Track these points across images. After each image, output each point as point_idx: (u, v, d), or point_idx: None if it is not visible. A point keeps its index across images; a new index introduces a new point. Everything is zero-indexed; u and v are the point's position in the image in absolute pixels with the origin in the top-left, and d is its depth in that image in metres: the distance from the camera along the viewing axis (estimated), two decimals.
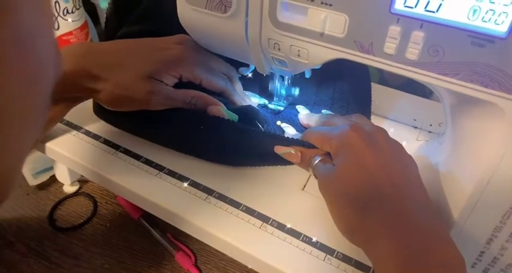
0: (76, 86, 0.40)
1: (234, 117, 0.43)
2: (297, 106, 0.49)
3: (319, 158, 0.36)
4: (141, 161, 0.44)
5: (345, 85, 0.50)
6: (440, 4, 0.27)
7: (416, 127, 0.51)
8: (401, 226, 0.29)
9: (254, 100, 0.50)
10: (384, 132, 0.36)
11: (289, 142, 0.39)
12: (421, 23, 0.28)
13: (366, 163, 0.32)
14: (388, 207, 0.30)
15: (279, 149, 0.39)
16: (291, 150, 0.38)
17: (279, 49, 0.36)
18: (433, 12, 0.28)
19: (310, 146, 0.38)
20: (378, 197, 0.30)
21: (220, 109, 0.43)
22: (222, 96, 0.46)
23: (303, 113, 0.48)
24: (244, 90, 0.53)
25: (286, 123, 0.47)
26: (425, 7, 0.28)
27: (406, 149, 0.47)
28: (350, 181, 0.31)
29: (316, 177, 0.36)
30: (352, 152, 0.33)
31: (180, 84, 0.43)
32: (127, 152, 0.46)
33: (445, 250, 0.28)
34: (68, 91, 0.40)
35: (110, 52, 0.41)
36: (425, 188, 0.32)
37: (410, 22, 0.28)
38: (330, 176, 0.33)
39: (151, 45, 0.43)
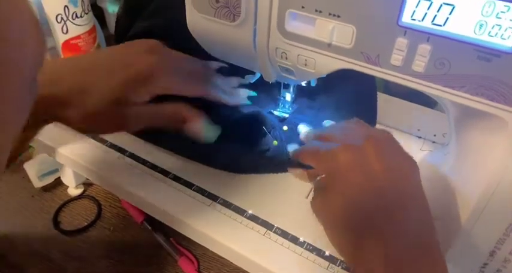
0: (41, 111, 0.35)
1: (214, 133, 0.42)
2: (300, 126, 0.49)
3: (320, 177, 0.33)
4: (147, 166, 0.45)
5: (350, 93, 0.51)
6: (447, 18, 0.28)
7: (420, 137, 0.51)
8: (396, 251, 0.28)
9: (243, 92, 0.48)
10: (378, 143, 0.31)
11: (289, 163, 0.39)
12: (428, 36, 0.29)
13: (353, 190, 0.29)
14: (382, 234, 0.28)
15: (292, 171, 0.38)
16: (299, 172, 0.36)
17: (286, 58, 0.37)
18: (440, 25, 0.28)
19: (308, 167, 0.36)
20: (370, 226, 0.28)
21: (199, 127, 0.40)
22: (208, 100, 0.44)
23: (304, 131, 0.47)
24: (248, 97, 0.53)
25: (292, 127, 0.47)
26: (433, 20, 0.28)
27: None
28: (339, 210, 0.29)
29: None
30: (339, 179, 0.30)
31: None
32: (133, 156, 0.46)
33: (434, 269, 0.28)
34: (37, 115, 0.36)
35: (75, 72, 0.37)
36: (426, 200, 0.30)
37: (417, 35, 0.29)
38: (320, 202, 0.31)
39: (118, 61, 0.38)
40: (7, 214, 0.56)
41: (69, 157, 0.47)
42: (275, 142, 0.44)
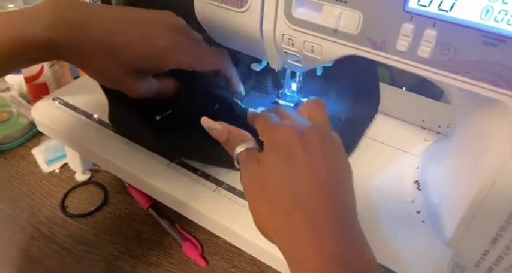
0: (51, 54, 0.36)
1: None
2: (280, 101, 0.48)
3: (245, 147, 0.32)
4: (153, 151, 0.45)
5: (353, 84, 0.51)
6: (454, 3, 0.28)
7: (424, 128, 0.51)
8: (326, 233, 0.26)
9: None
10: (323, 131, 0.31)
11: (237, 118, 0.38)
12: (434, 21, 0.29)
13: (295, 163, 0.29)
14: (313, 213, 0.27)
15: (205, 122, 0.34)
16: (217, 126, 0.33)
17: (293, 44, 0.37)
18: (446, 11, 0.28)
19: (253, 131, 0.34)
20: (302, 202, 0.27)
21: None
22: (219, 78, 0.45)
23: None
24: (254, 86, 0.54)
25: None
26: (439, 6, 0.28)
27: (414, 149, 0.48)
28: (274, 182, 0.28)
29: (237, 165, 0.32)
30: (282, 150, 0.29)
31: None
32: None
33: (362, 253, 0.27)
34: (42, 56, 0.37)
35: (97, 29, 0.37)
36: (354, 195, 0.30)
37: (423, 20, 0.29)
38: (254, 172, 0.30)
39: (147, 29, 0.38)
40: (15, 197, 0.57)
41: (75, 142, 0.48)
42: None
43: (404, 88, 0.56)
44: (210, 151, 0.43)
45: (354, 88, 0.51)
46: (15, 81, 0.70)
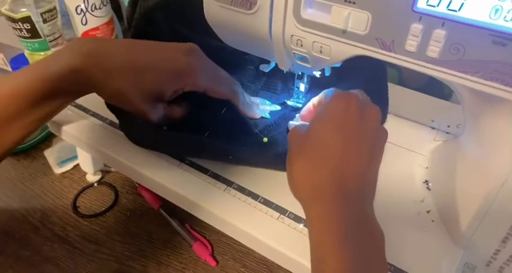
0: (79, 83, 0.38)
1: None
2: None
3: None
4: (163, 152, 0.46)
5: (362, 84, 0.51)
6: (463, 3, 0.28)
7: (434, 128, 0.51)
8: (347, 199, 0.31)
9: (265, 107, 0.50)
10: (378, 111, 0.35)
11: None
12: (443, 21, 0.29)
13: (344, 129, 0.32)
14: (341, 179, 0.31)
15: None
16: None
17: (302, 45, 0.37)
18: (455, 11, 0.28)
19: None
20: (335, 167, 0.31)
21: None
22: (230, 103, 0.46)
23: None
24: (262, 87, 0.54)
25: None
26: (448, 6, 0.28)
27: (423, 149, 0.48)
28: (318, 139, 0.32)
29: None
30: (335, 114, 0.33)
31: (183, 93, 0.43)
32: None
33: (373, 224, 0.31)
34: (68, 86, 0.39)
35: (117, 55, 0.39)
36: (377, 181, 0.34)
37: (432, 20, 0.29)
38: (302, 129, 0.34)
39: (165, 54, 0.41)
40: (29, 198, 0.58)
41: (87, 142, 0.48)
42: (265, 139, 0.45)
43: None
44: (217, 148, 0.44)
45: (363, 88, 0.51)
46: None
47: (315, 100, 0.42)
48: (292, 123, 0.46)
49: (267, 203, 0.41)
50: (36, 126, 0.39)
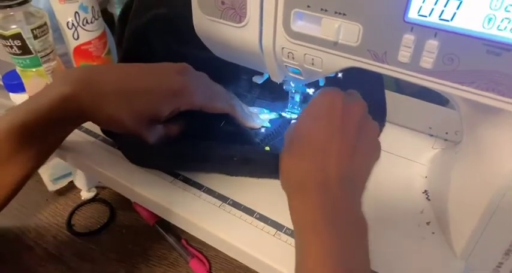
0: (72, 111, 0.38)
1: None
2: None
3: None
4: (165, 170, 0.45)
5: (359, 92, 0.50)
6: (455, 13, 0.27)
7: (432, 135, 0.50)
8: (328, 188, 0.31)
9: (264, 116, 0.50)
10: (363, 107, 0.35)
11: None
12: (435, 31, 0.28)
13: (327, 122, 0.33)
14: (323, 170, 0.31)
15: None
16: None
17: (293, 58, 0.37)
18: (448, 20, 0.28)
19: None
20: (319, 159, 0.32)
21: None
22: (228, 116, 0.45)
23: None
24: (259, 96, 0.53)
25: None
26: (440, 16, 0.28)
27: (422, 158, 0.47)
28: (303, 133, 0.33)
29: None
30: (320, 108, 0.34)
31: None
32: None
33: (357, 214, 0.32)
34: (62, 116, 0.38)
35: (108, 80, 0.39)
36: (367, 174, 0.34)
37: (424, 31, 0.28)
38: (293, 126, 0.35)
39: (157, 76, 0.41)
40: (22, 217, 0.57)
41: (80, 160, 0.48)
42: (267, 148, 0.44)
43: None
44: (222, 150, 0.43)
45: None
46: (21, 100, 0.70)
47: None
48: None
49: (262, 219, 0.40)
50: (36, 161, 0.39)
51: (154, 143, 0.42)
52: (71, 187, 0.61)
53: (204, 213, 0.40)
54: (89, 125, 0.51)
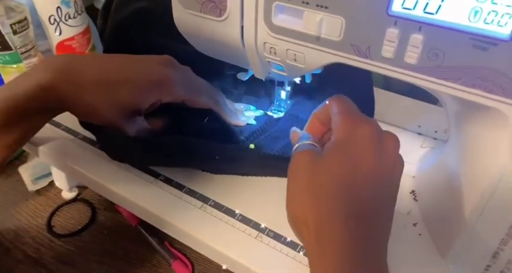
0: (49, 100, 0.36)
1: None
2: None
3: (307, 139, 0.32)
4: (137, 168, 0.44)
5: (346, 90, 0.49)
6: (440, 5, 0.26)
7: (421, 134, 0.49)
8: (358, 249, 0.27)
9: (250, 113, 0.48)
10: (397, 141, 0.31)
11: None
12: (420, 25, 0.27)
13: (362, 168, 0.28)
14: (356, 228, 0.27)
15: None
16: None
17: (275, 53, 0.35)
18: (432, 14, 0.26)
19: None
20: (353, 211, 0.27)
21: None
22: (212, 112, 0.44)
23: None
24: (246, 92, 0.52)
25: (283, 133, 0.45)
26: (424, 9, 0.27)
27: (410, 157, 0.45)
28: (334, 178, 0.28)
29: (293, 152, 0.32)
30: (355, 147, 0.29)
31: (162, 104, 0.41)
32: None
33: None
34: (39, 105, 0.37)
35: (89, 70, 0.37)
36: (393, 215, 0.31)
37: (408, 24, 0.27)
38: (314, 159, 0.29)
39: (140, 67, 0.40)
40: (1, 219, 0.55)
41: (59, 160, 0.46)
42: (251, 146, 0.43)
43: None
44: (204, 147, 0.42)
45: (348, 95, 0.49)
46: None
47: (318, 114, 0.35)
48: (295, 129, 0.42)
49: (244, 220, 0.38)
50: (10, 150, 0.37)
51: (135, 136, 0.40)
52: (52, 187, 0.59)
53: (184, 215, 0.39)
54: (68, 123, 0.50)
